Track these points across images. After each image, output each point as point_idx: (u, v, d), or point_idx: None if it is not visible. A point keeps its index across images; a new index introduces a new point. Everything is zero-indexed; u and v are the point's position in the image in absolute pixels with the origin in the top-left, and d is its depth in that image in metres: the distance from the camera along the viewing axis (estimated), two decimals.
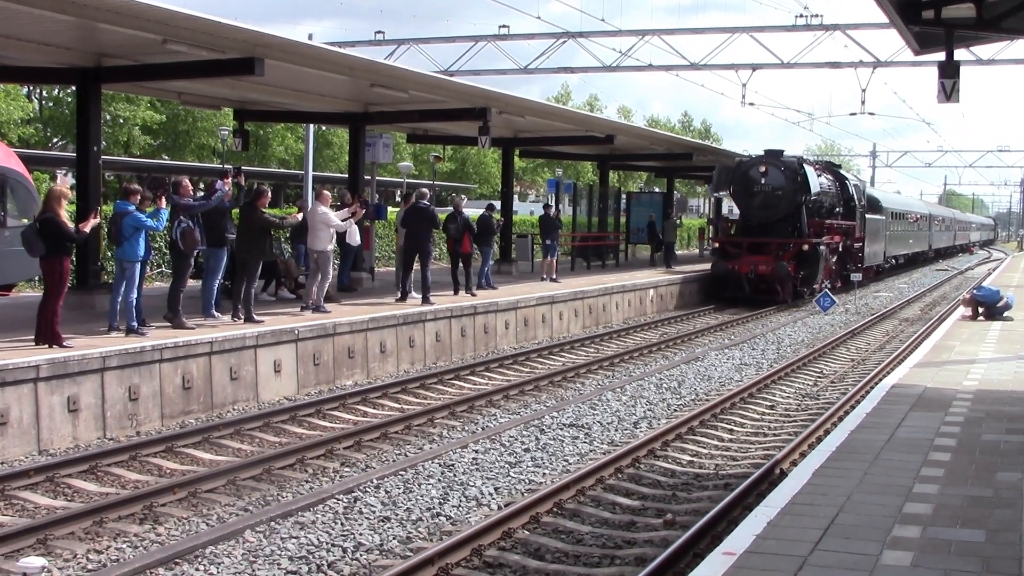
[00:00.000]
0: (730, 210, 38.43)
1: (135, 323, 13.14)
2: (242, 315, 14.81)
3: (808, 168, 29.82)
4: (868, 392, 13.09)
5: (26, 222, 17.70)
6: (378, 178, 31.32)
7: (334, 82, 18.55)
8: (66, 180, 31.29)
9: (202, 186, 24.87)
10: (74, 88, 18.51)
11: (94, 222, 13.41)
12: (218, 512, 9.04)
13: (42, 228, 12.13)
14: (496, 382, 15.92)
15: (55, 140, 51.13)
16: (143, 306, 13.58)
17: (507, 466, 10.76)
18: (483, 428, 12.60)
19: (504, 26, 33.09)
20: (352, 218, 18.32)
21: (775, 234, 29.44)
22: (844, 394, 14.91)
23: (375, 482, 9.90)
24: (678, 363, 18.00)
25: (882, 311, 28.38)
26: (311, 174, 29.08)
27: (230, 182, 15.11)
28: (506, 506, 9.24)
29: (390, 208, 32.54)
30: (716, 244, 31.89)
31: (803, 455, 10.62)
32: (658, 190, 48.76)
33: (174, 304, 14.03)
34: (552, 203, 30.15)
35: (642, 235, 35.80)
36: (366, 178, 23.65)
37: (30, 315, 12.58)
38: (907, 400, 11.25)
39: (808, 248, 29.38)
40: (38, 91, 50.66)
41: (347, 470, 10.58)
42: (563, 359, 18.49)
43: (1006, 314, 20.50)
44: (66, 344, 11.86)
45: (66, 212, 12.61)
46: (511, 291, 21.52)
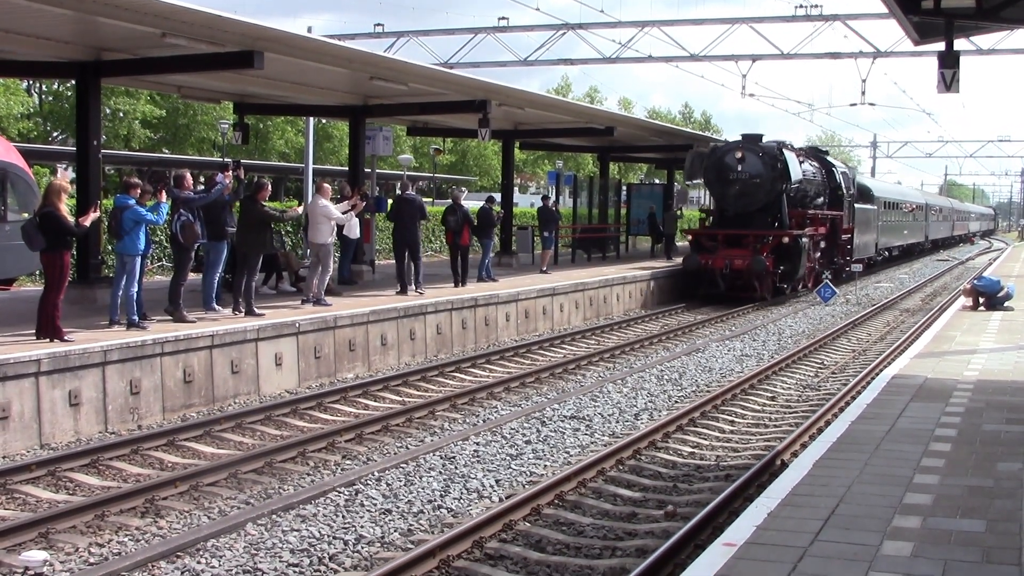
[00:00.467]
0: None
1: (136, 317, 13.15)
2: (243, 308, 14.82)
3: (789, 154, 27.68)
4: (869, 383, 13.09)
5: (26, 216, 17.74)
6: (378, 171, 31.32)
7: (334, 75, 18.53)
8: (66, 174, 31.33)
9: (202, 179, 24.78)
10: (74, 82, 18.50)
11: (94, 216, 13.40)
12: (220, 505, 9.06)
13: (42, 222, 12.13)
14: (497, 374, 15.93)
15: (55, 134, 51.12)
16: (144, 300, 13.59)
17: (508, 458, 10.77)
18: (484, 420, 12.62)
19: (503, 18, 33.13)
20: (352, 211, 18.33)
21: (753, 226, 27.29)
22: (845, 385, 14.91)
23: (376, 475, 9.92)
24: (679, 354, 18.01)
25: (883, 301, 28.37)
26: (311, 167, 29.05)
27: (230, 175, 15.11)
28: (507, 498, 9.25)
29: (390, 201, 32.49)
30: (690, 237, 29.58)
31: (804, 446, 10.63)
32: (658, 182, 48.69)
33: (175, 298, 14.04)
34: (552, 195, 30.18)
35: (642, 227, 35.77)
36: (366, 171, 23.64)
37: (31, 309, 12.60)
38: (908, 391, 11.26)
39: (789, 241, 27.18)
40: (38, 85, 50.66)
41: (348, 463, 10.60)
42: (564, 351, 18.50)
43: (1007, 304, 20.50)
44: (67, 338, 11.88)
45: (66, 206, 12.61)
46: (512, 283, 21.53)
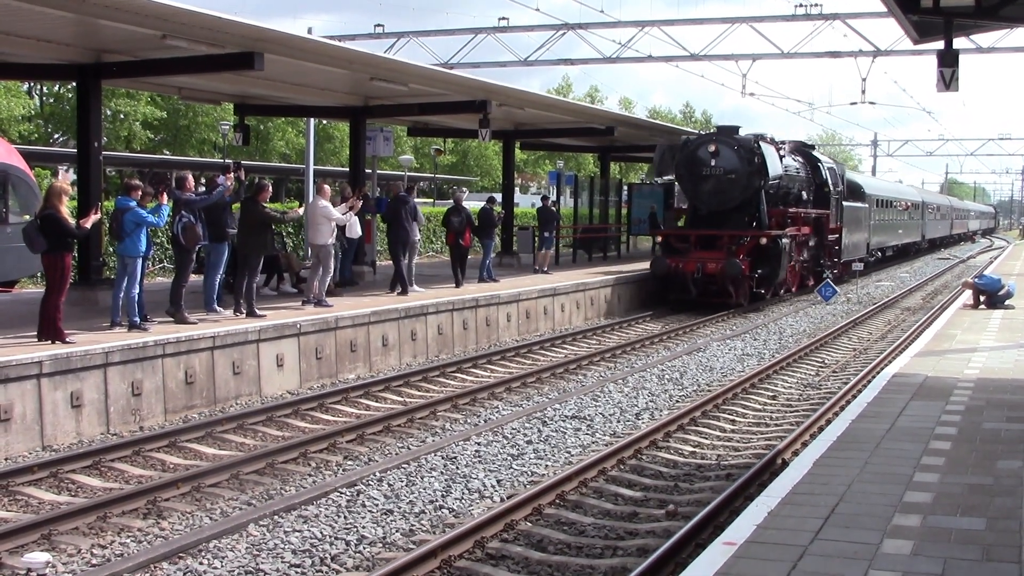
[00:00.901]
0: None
1: (137, 318, 13.17)
2: (244, 310, 14.84)
3: (767, 147, 25.36)
4: (869, 382, 13.10)
5: (28, 218, 17.76)
6: (379, 171, 31.34)
7: (334, 76, 18.56)
8: (67, 176, 31.33)
9: (203, 181, 24.83)
10: (74, 84, 18.53)
11: (95, 218, 13.41)
12: (221, 506, 9.08)
13: (43, 224, 12.15)
14: (498, 374, 15.94)
15: (56, 136, 51.16)
16: (145, 301, 13.61)
17: (510, 458, 10.78)
18: (485, 420, 12.63)
19: (504, 18, 33.12)
20: (351, 211, 18.34)
21: (729, 225, 25.17)
22: (845, 384, 14.91)
23: (378, 475, 9.93)
24: (680, 354, 18.02)
25: (883, 300, 28.36)
26: (312, 168, 29.04)
27: (231, 177, 15.13)
28: (509, 498, 9.27)
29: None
30: (659, 238, 27.08)
31: (805, 445, 10.64)
32: (660, 181, 48.65)
33: (176, 299, 14.06)
34: (553, 195, 30.17)
35: (644, 226, 35.72)
36: (367, 171, 23.66)
37: (32, 311, 12.62)
38: (908, 389, 11.27)
39: (767, 242, 25.08)
40: (39, 87, 50.67)
41: (350, 463, 10.61)
42: (565, 351, 18.51)
43: (1007, 303, 20.50)
44: (68, 340, 11.89)
45: (67, 208, 12.63)
46: (513, 283, 21.54)
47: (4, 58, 16.39)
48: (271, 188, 16.18)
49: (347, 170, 26.97)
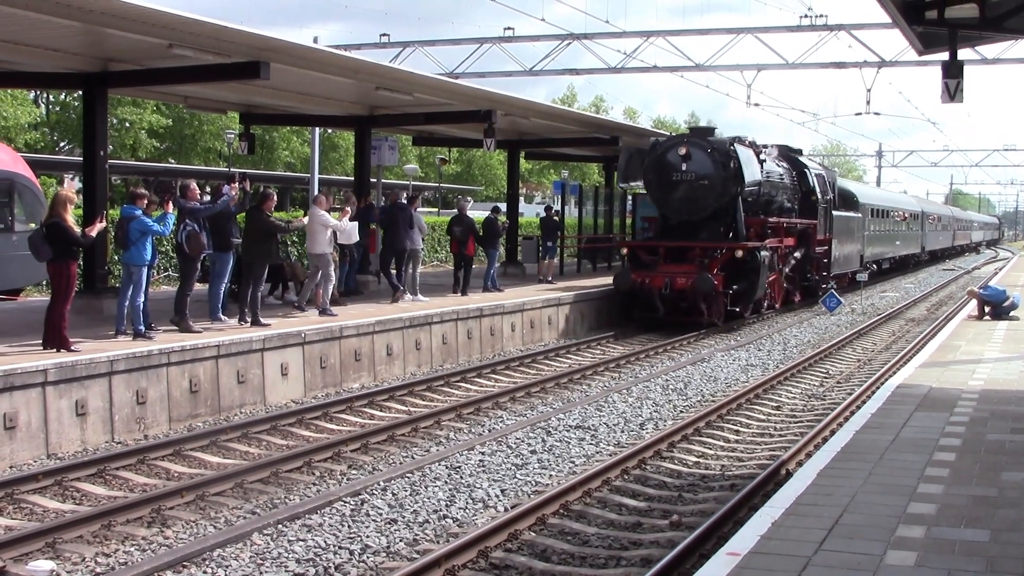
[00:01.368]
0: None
1: (142, 327, 13.19)
2: (248, 318, 14.87)
3: (744, 151, 23.21)
4: (873, 392, 13.10)
5: (33, 227, 17.81)
6: (384, 180, 31.37)
7: (339, 85, 18.61)
8: (73, 184, 31.37)
9: (208, 189, 24.91)
10: (80, 93, 18.59)
11: (100, 226, 13.45)
12: (226, 515, 9.08)
13: (49, 232, 12.19)
14: (502, 384, 15.95)
15: (62, 144, 51.30)
16: (150, 310, 13.64)
17: (513, 468, 10.78)
18: (489, 430, 12.63)
19: (509, 28, 33.13)
20: (345, 216, 18.12)
21: (702, 237, 23.01)
22: (850, 394, 14.91)
23: (382, 484, 9.94)
24: (684, 364, 18.01)
25: (888, 311, 28.34)
26: (317, 177, 29.09)
27: (235, 187, 15.16)
28: (512, 508, 9.26)
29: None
30: (624, 250, 24.94)
31: (809, 456, 10.63)
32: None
33: (181, 308, 14.08)
34: (556, 205, 30.16)
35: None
36: (372, 181, 23.70)
37: (38, 319, 12.65)
38: (912, 400, 11.26)
39: (743, 254, 22.58)
40: (45, 96, 50.83)
41: (354, 472, 10.62)
42: (569, 361, 18.51)
43: (1012, 314, 20.48)
44: (73, 348, 11.92)
45: (73, 216, 12.66)
46: (517, 293, 21.55)
47: (11, 67, 16.45)
48: (276, 197, 16.20)
49: (352, 179, 27.00)
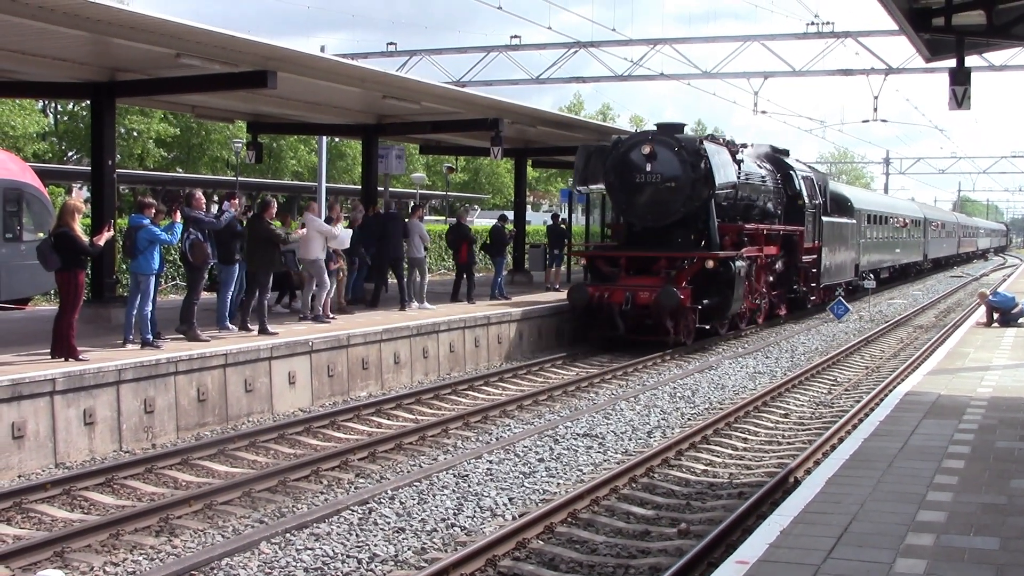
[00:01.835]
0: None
1: (150, 336, 13.21)
2: (251, 326, 14.87)
3: (715, 149, 20.92)
4: (882, 400, 13.06)
5: (42, 236, 17.86)
6: (391, 189, 31.43)
7: (346, 94, 18.65)
8: (81, 194, 31.48)
9: (216, 199, 25.04)
10: (89, 102, 18.66)
11: (108, 235, 13.49)
12: (233, 524, 9.08)
13: (57, 242, 12.22)
14: (510, 392, 15.94)
15: (70, 154, 51.44)
16: (157, 319, 13.66)
17: (521, 476, 10.77)
18: (497, 438, 12.62)
19: (516, 36, 33.16)
20: (336, 221, 18.06)
21: (669, 246, 20.79)
22: (858, 402, 14.87)
23: (390, 493, 9.93)
24: (692, 372, 17.98)
25: (896, 318, 28.28)
26: (324, 186, 29.18)
27: (236, 204, 15.18)
28: (520, 516, 9.25)
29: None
30: (583, 260, 22.64)
31: (817, 463, 10.59)
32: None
33: (188, 316, 14.10)
34: (564, 213, 30.17)
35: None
36: (379, 189, 23.74)
37: (46, 328, 12.67)
38: (921, 408, 11.23)
39: (715, 265, 20.26)
40: (53, 106, 50.99)
41: (362, 481, 10.61)
42: (577, 369, 18.49)
43: (1021, 320, 20.44)
44: (82, 357, 11.94)
45: (81, 226, 12.70)
46: (524, 301, 21.54)
47: (20, 77, 16.52)
48: (276, 204, 16.18)
49: (359, 188, 27.06)
